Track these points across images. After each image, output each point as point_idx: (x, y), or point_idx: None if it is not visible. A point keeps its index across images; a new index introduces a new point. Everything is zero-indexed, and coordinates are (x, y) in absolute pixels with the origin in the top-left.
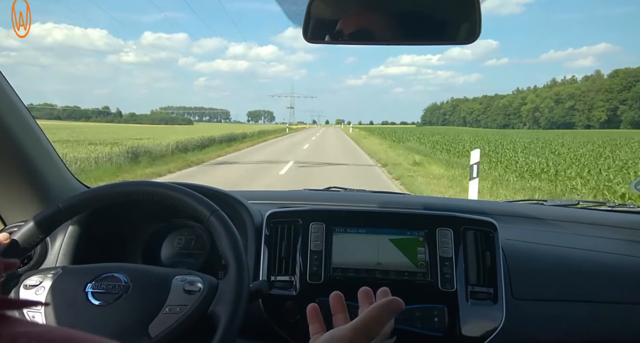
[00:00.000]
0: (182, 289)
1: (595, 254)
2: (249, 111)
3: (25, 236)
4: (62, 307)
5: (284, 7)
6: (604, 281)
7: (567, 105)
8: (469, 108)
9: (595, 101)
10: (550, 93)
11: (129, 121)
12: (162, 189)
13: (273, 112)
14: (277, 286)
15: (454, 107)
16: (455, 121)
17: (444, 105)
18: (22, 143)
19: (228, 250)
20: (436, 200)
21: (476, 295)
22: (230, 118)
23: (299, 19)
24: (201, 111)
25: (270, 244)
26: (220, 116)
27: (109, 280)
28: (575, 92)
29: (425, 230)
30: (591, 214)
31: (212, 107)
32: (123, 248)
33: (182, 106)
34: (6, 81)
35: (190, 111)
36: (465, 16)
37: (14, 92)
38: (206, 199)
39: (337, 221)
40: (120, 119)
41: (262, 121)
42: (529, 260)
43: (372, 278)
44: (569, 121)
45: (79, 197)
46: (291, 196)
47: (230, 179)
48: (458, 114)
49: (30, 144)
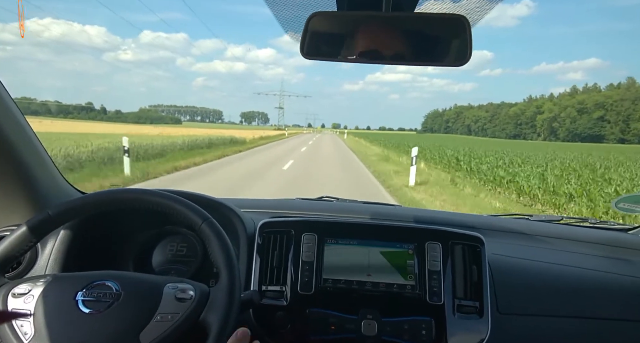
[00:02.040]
0: (174, 297)
1: (578, 270)
2: (243, 112)
3: (14, 243)
4: (51, 315)
5: (275, 12)
6: (587, 298)
7: (596, 115)
8: (474, 116)
9: (630, 111)
10: (573, 102)
11: (112, 119)
12: (154, 197)
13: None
14: (268, 296)
15: (457, 115)
16: (459, 128)
17: (447, 112)
18: (13, 144)
19: (220, 259)
20: (426, 213)
21: (463, 308)
22: (223, 119)
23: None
24: (193, 110)
25: (262, 253)
26: (213, 117)
27: (100, 287)
28: (605, 101)
29: (415, 243)
30: (574, 230)
31: (204, 107)
32: (114, 254)
33: (173, 105)
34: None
35: (181, 110)
36: (457, 40)
37: (6, 92)
38: (198, 207)
39: (329, 232)
40: (103, 116)
41: (256, 123)
42: (515, 275)
43: (362, 290)
44: (597, 133)
45: (70, 204)
46: (284, 205)
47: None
48: (462, 121)
49: (22, 146)
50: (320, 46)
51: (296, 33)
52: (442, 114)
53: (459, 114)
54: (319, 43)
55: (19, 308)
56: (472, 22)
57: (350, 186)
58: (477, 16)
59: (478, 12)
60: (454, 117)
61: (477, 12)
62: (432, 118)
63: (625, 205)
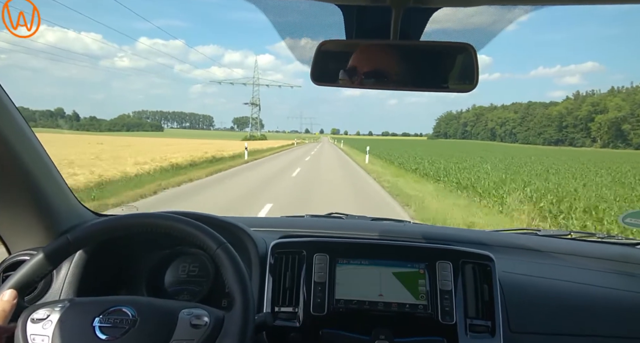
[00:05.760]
0: (189, 323)
1: (588, 287)
2: (235, 118)
3: (34, 268)
4: (69, 341)
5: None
6: (598, 316)
7: None
8: (498, 118)
9: None
10: None
11: (85, 126)
12: (169, 221)
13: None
14: (280, 318)
15: (477, 117)
16: (479, 133)
17: (464, 114)
18: (28, 167)
19: (234, 285)
20: (435, 230)
21: (475, 328)
22: (214, 125)
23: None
24: (180, 116)
25: (275, 274)
26: (203, 123)
27: (117, 313)
28: None
29: (425, 262)
30: (582, 245)
31: (193, 113)
32: (127, 276)
33: (159, 111)
34: (11, 102)
35: (168, 116)
36: (464, 66)
37: (19, 114)
38: (212, 231)
39: (340, 252)
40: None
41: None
42: (525, 293)
43: (375, 310)
44: None
45: (88, 229)
46: (294, 224)
47: None
48: (483, 125)
49: (36, 169)
50: (330, 73)
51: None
52: (458, 117)
53: (479, 116)
54: (329, 70)
55: (37, 333)
56: (477, 49)
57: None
58: (483, 42)
59: (483, 39)
60: (472, 120)
61: (483, 39)
62: (446, 121)
63: (632, 220)
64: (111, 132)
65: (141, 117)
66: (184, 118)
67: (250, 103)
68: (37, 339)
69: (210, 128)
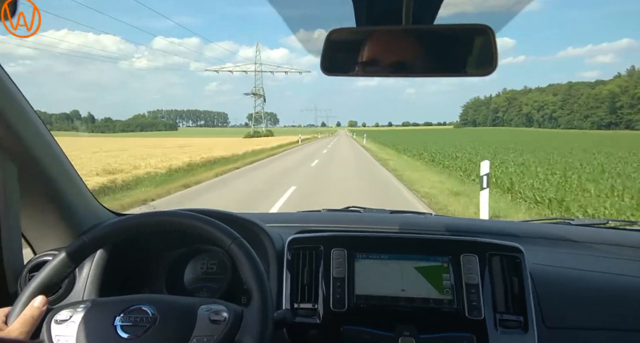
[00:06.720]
0: (208, 319)
1: (630, 279)
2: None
3: (55, 269)
4: (92, 341)
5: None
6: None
7: None
8: (535, 102)
9: None
10: None
11: (100, 128)
12: (183, 218)
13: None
14: (300, 314)
15: (509, 102)
16: (513, 119)
17: (495, 99)
18: (49, 171)
19: (251, 279)
20: (458, 221)
21: (505, 323)
22: (229, 122)
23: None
24: (195, 114)
25: (292, 270)
26: (217, 120)
27: (137, 312)
28: None
29: (449, 255)
30: (621, 234)
31: (207, 110)
32: (147, 274)
33: (174, 109)
34: (30, 108)
35: (183, 115)
36: (482, 49)
37: (38, 118)
38: (226, 226)
39: (359, 246)
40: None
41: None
42: (559, 285)
43: (397, 306)
44: None
45: (103, 230)
46: (310, 218)
47: None
48: (517, 109)
49: (56, 171)
50: (341, 62)
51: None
52: (488, 102)
53: (511, 100)
54: (340, 59)
55: (61, 334)
56: (495, 30)
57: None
58: (501, 24)
59: (502, 20)
60: (504, 105)
61: (501, 20)
62: (474, 108)
63: None
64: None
65: (156, 117)
66: (199, 116)
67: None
68: (61, 340)
69: (226, 125)
